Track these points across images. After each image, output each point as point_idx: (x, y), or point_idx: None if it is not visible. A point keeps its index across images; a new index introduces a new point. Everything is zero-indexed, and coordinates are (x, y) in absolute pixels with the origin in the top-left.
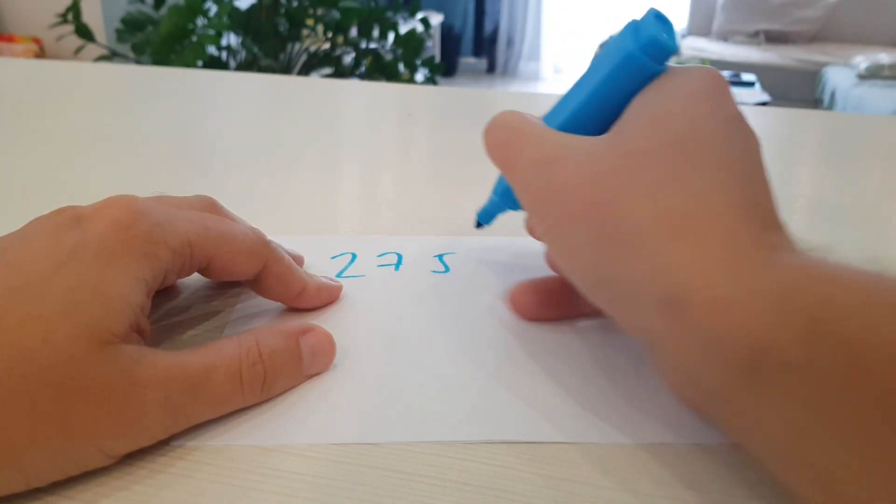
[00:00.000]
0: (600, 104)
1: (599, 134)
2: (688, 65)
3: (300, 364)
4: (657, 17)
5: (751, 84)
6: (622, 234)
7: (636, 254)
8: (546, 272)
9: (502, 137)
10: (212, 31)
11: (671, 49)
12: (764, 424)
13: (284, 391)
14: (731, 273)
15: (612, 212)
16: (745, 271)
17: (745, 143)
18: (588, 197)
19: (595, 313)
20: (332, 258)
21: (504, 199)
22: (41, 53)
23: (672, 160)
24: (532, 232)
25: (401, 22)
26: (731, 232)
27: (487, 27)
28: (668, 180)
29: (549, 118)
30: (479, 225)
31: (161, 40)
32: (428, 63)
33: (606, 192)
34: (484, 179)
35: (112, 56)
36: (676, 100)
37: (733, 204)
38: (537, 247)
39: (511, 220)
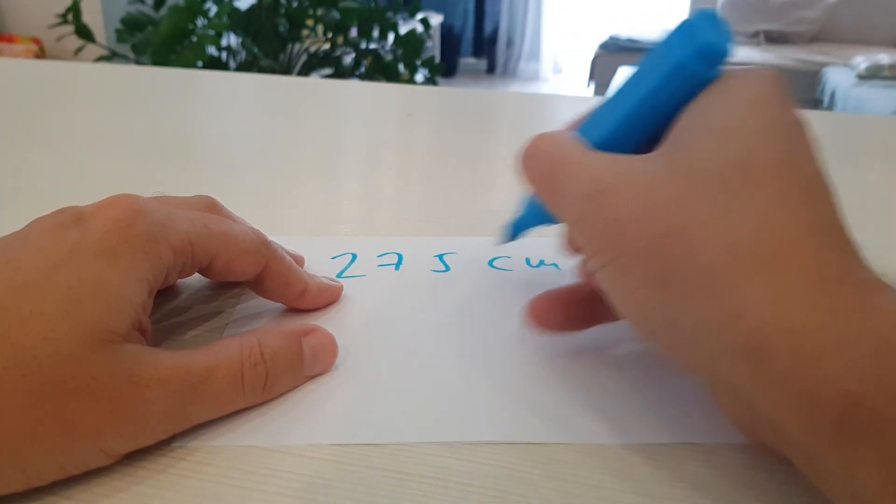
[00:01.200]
0: (647, 116)
1: (641, 147)
2: (744, 67)
3: (302, 365)
4: (709, 18)
5: None
6: (690, 272)
7: (707, 296)
8: (548, 280)
9: (543, 168)
10: (212, 32)
11: (725, 53)
12: (852, 482)
13: (286, 392)
14: (818, 318)
15: (679, 246)
16: (833, 315)
17: (809, 154)
18: (650, 230)
19: (616, 319)
20: (333, 258)
21: (535, 215)
22: (41, 54)
23: (737, 182)
24: (584, 269)
25: (401, 22)
26: (813, 266)
27: (487, 27)
28: (739, 206)
29: (586, 130)
30: (510, 238)
31: (161, 41)
32: (428, 63)
33: (671, 223)
34: (484, 180)
35: (112, 56)
36: (736, 109)
37: (809, 230)
38: (538, 247)
39: (507, 219)
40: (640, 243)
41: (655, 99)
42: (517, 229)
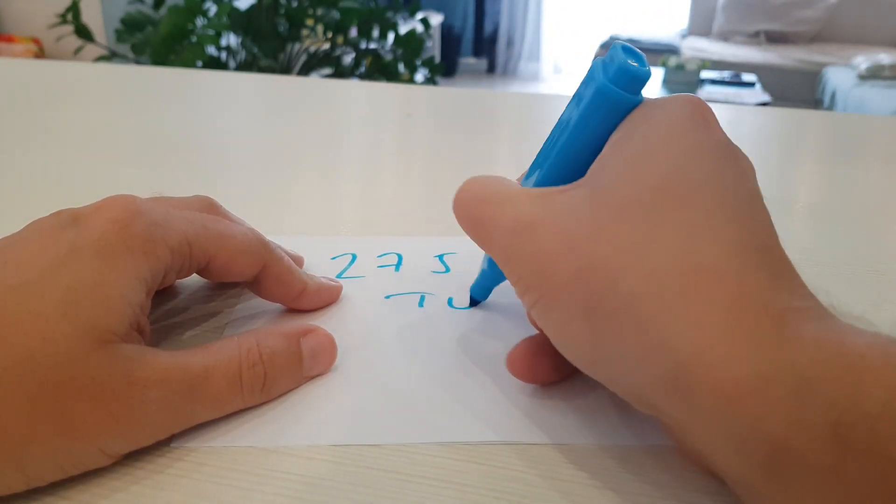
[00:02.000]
0: (579, 149)
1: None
2: (667, 96)
3: (300, 365)
4: (625, 50)
5: (751, 84)
6: (612, 303)
7: (631, 326)
8: None
9: (472, 210)
10: (211, 32)
11: (644, 76)
12: None
13: (284, 392)
14: (740, 351)
15: (600, 277)
16: (756, 348)
17: (739, 173)
18: (570, 263)
19: None
20: (333, 259)
21: (495, 271)
22: (41, 54)
23: (658, 208)
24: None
25: (401, 22)
26: (736, 293)
27: (487, 27)
28: (657, 233)
29: (528, 175)
30: (473, 303)
31: (161, 40)
32: (428, 63)
33: (592, 254)
34: None
35: (111, 56)
36: (655, 135)
37: (732, 252)
38: None
39: None
40: (562, 277)
41: (582, 132)
42: (483, 289)
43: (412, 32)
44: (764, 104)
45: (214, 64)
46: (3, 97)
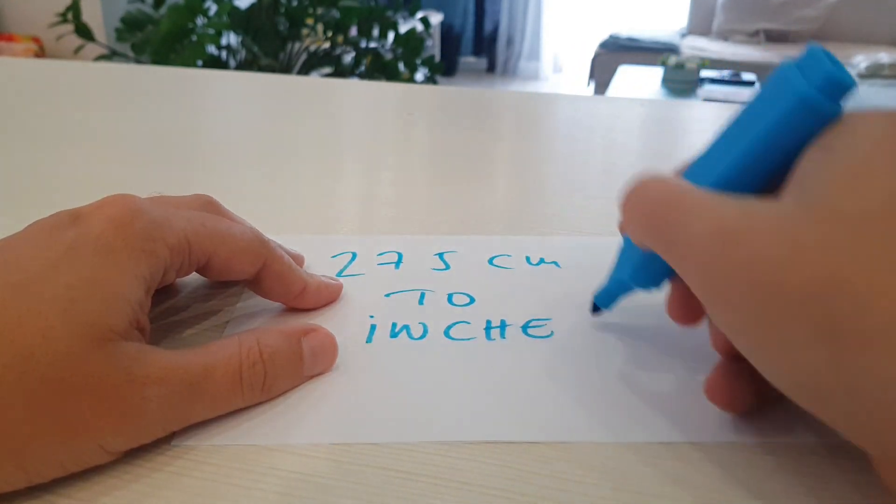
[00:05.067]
0: (763, 157)
1: (760, 192)
2: (875, 111)
3: (301, 365)
4: (826, 54)
5: (751, 83)
6: (863, 326)
7: (890, 354)
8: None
9: (654, 213)
10: (211, 31)
11: (850, 84)
12: None
13: (285, 391)
14: None
15: (843, 298)
16: None
17: None
18: (802, 276)
19: None
20: (333, 257)
21: (637, 278)
22: (41, 53)
23: None
24: (717, 337)
25: (401, 21)
26: None
27: (487, 26)
28: None
29: (693, 175)
30: (596, 309)
31: (161, 39)
32: (428, 62)
33: (824, 269)
34: (484, 179)
35: (112, 55)
36: (870, 149)
37: None
38: (538, 245)
39: (507, 218)
40: (789, 294)
41: (774, 137)
42: (611, 296)
43: (412, 31)
44: None
45: (214, 63)
46: (3, 97)
